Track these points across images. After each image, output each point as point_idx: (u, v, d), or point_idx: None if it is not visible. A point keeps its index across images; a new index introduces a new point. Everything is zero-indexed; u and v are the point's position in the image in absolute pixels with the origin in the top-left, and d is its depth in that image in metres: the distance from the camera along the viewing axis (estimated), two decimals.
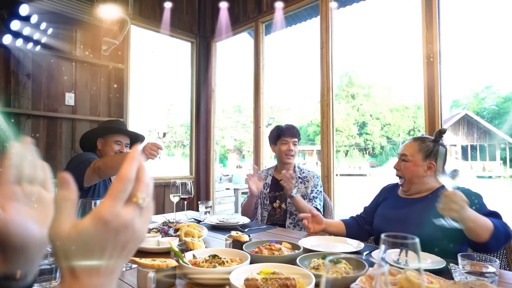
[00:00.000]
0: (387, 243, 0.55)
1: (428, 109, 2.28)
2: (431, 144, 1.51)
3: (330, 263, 0.98)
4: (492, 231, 1.16)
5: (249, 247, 1.20)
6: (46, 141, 2.88)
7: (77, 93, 3.06)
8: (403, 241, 0.57)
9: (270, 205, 2.20)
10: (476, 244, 1.23)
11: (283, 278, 0.85)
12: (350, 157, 26.13)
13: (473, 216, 1.15)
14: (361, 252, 1.29)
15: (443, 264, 1.08)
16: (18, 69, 2.70)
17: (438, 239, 1.32)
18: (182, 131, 21.11)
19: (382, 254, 0.56)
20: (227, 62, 10.97)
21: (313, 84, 33.45)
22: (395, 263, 1.10)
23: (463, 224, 1.15)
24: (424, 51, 2.30)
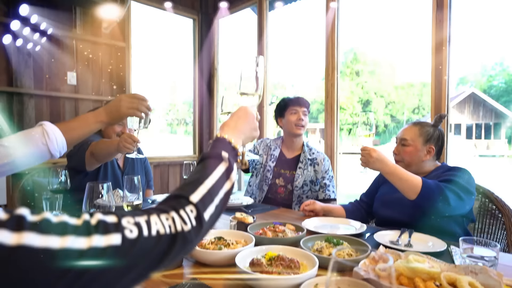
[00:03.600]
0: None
1: (435, 88, 2.24)
2: (431, 129, 1.51)
3: (335, 247, 0.99)
4: (418, 191, 1.25)
5: (254, 228, 1.23)
6: (49, 121, 2.88)
7: (79, 72, 3.03)
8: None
9: (272, 179, 2.09)
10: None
11: (288, 260, 0.87)
12: (353, 135, 26.07)
13: (398, 174, 1.29)
14: (363, 234, 1.32)
15: (444, 247, 1.10)
16: (19, 47, 2.67)
17: (435, 219, 1.34)
18: (185, 109, 20.99)
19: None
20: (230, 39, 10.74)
21: (316, 61, 32.87)
22: (393, 244, 1.13)
23: (388, 179, 1.33)
24: (433, 29, 2.23)
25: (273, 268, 0.84)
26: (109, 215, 0.44)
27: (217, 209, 0.57)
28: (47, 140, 0.98)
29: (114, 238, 0.41)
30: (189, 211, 0.51)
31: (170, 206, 0.51)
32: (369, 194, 1.70)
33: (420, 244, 1.16)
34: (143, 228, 0.45)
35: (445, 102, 2.22)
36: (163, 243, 0.46)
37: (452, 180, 1.33)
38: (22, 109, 2.73)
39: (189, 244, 0.50)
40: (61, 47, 2.91)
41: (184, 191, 0.55)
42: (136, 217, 0.45)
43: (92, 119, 1.12)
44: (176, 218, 0.49)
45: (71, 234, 0.38)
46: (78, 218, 0.41)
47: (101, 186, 1.03)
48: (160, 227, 0.46)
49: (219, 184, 0.59)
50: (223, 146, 0.67)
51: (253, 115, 0.79)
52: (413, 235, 1.23)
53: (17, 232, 0.35)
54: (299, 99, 2.09)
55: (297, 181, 2.03)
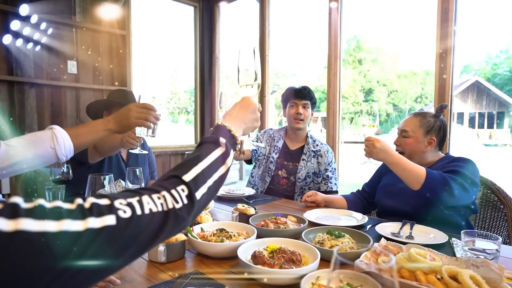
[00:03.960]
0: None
1: (439, 76, 2.21)
2: (432, 119, 1.49)
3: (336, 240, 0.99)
4: (422, 182, 1.25)
5: (255, 220, 1.23)
6: (51, 110, 2.89)
7: (79, 60, 3.00)
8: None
9: (275, 170, 2.07)
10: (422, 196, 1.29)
11: (289, 253, 0.87)
12: (355, 124, 25.98)
13: (402, 164, 1.29)
14: (365, 225, 1.32)
15: (445, 239, 1.10)
16: (19, 36, 2.64)
17: (438, 210, 1.34)
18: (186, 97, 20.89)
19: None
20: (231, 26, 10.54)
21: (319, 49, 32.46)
22: (395, 236, 1.14)
23: (392, 169, 1.33)
24: (438, 16, 2.18)
25: (275, 261, 0.84)
26: (102, 198, 0.45)
27: (209, 190, 0.59)
28: (56, 145, 1.01)
29: (109, 219, 0.43)
30: (180, 190, 0.54)
31: (161, 186, 0.53)
32: (371, 184, 1.70)
33: (421, 236, 1.17)
34: (136, 207, 0.47)
35: (449, 91, 2.20)
36: (156, 220, 0.48)
37: (457, 171, 1.33)
38: (23, 98, 2.72)
39: (181, 221, 0.52)
40: (61, 36, 2.88)
41: (178, 171, 0.57)
42: (128, 198, 0.47)
43: (101, 126, 1.15)
44: (167, 197, 0.51)
45: (67, 218, 0.40)
46: (71, 203, 0.42)
47: (103, 178, 1.03)
48: (153, 206, 0.49)
49: (213, 167, 0.62)
50: (222, 132, 0.70)
51: (255, 105, 0.81)
52: (415, 227, 1.23)
53: (13, 219, 0.36)
54: (299, 91, 2.02)
55: (300, 173, 2.02)
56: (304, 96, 2.01)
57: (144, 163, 2.20)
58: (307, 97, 2.01)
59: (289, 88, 2.09)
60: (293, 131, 2.09)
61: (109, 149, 1.65)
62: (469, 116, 22.58)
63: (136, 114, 1.17)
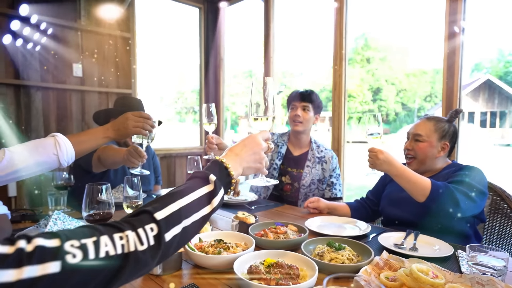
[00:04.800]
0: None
1: (447, 75, 2.16)
2: (446, 124, 1.46)
3: (334, 250, 0.96)
4: (427, 194, 1.22)
5: (255, 229, 1.21)
6: (56, 113, 2.91)
7: (84, 63, 3.02)
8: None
9: (278, 177, 2.03)
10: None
11: (287, 267, 0.85)
12: (363, 124, 25.72)
13: (406, 176, 1.26)
14: (368, 235, 1.29)
15: (450, 252, 1.06)
16: (24, 39, 2.66)
17: (444, 220, 1.30)
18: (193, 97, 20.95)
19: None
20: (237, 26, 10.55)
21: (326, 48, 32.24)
22: (398, 247, 1.10)
23: (396, 181, 1.30)
24: (446, 11, 2.12)
25: (272, 276, 0.82)
26: (52, 238, 0.41)
27: (185, 231, 0.54)
28: (58, 151, 1.06)
29: (52, 266, 0.39)
30: (149, 229, 0.49)
31: (128, 223, 0.49)
32: (375, 192, 1.67)
33: (425, 248, 1.13)
34: (90, 250, 0.43)
35: (457, 90, 2.14)
36: (112, 264, 0.44)
37: (463, 181, 1.29)
38: (29, 102, 2.74)
39: (143, 266, 0.48)
40: (67, 39, 2.89)
41: (152, 206, 0.53)
42: (83, 239, 0.43)
43: (101, 134, 1.21)
44: (130, 237, 0.47)
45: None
46: (11, 245, 0.39)
47: (100, 189, 1.02)
48: (111, 248, 0.45)
49: (195, 206, 0.57)
50: (216, 169, 0.65)
51: (260, 145, 0.76)
52: (419, 237, 1.20)
53: None
54: (300, 94, 1.98)
55: (304, 180, 1.98)
56: (303, 98, 1.96)
57: (149, 168, 2.20)
58: (307, 99, 1.96)
59: (292, 92, 2.06)
60: (295, 136, 2.05)
61: (112, 163, 1.67)
62: (480, 115, 22.17)
63: (133, 123, 1.23)
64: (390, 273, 0.87)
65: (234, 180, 0.69)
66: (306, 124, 1.98)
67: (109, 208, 1.06)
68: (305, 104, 1.96)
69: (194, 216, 0.56)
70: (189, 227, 0.55)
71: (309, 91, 2.00)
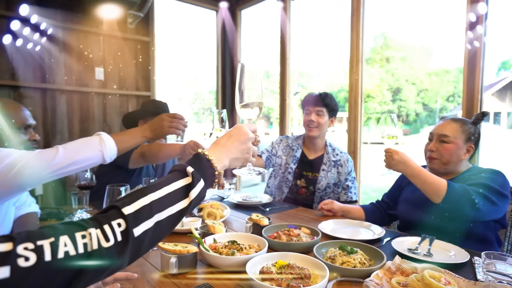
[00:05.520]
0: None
1: (468, 75, 2.10)
2: (472, 127, 1.43)
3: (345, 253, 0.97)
4: (443, 195, 1.21)
5: (268, 231, 1.23)
6: (80, 115, 3.03)
7: (106, 67, 3.13)
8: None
9: (293, 180, 2.03)
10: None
11: (298, 270, 0.87)
12: (381, 124, 25.21)
13: (422, 177, 1.26)
14: (382, 239, 1.28)
15: (466, 258, 1.04)
16: (51, 45, 2.79)
17: (463, 224, 1.28)
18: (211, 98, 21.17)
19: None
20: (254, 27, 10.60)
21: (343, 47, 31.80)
22: (411, 252, 1.09)
23: (411, 181, 1.30)
24: (468, 6, 2.06)
25: (283, 277, 0.84)
26: (4, 242, 0.40)
27: (159, 226, 0.52)
28: (103, 148, 1.14)
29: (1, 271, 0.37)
30: (116, 224, 0.48)
31: (95, 220, 0.48)
32: (391, 195, 1.65)
33: (440, 253, 1.12)
34: (46, 252, 0.41)
35: (478, 91, 2.07)
36: (72, 265, 0.42)
37: (483, 183, 1.26)
38: (55, 104, 2.87)
39: (108, 263, 0.46)
40: (89, 44, 3.01)
41: (121, 201, 0.51)
42: (40, 240, 0.41)
43: (139, 133, 1.31)
44: (94, 235, 0.45)
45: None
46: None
47: (119, 191, 1.07)
48: (71, 248, 0.43)
49: (169, 199, 0.54)
50: (197, 162, 0.63)
51: (247, 134, 0.74)
52: (434, 243, 1.18)
53: None
54: (314, 98, 1.96)
55: (320, 184, 1.98)
56: (317, 102, 1.93)
57: (169, 169, 2.27)
58: (321, 103, 1.93)
59: (306, 95, 2.06)
60: (310, 140, 2.04)
61: (156, 160, 1.78)
62: (508, 116, 21.26)
63: (168, 124, 1.34)
64: (401, 278, 0.87)
65: (217, 172, 0.66)
66: (320, 128, 1.96)
67: None
68: (319, 109, 1.94)
69: (169, 210, 0.54)
70: (164, 221, 0.53)
71: (323, 95, 1.97)
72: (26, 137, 1.25)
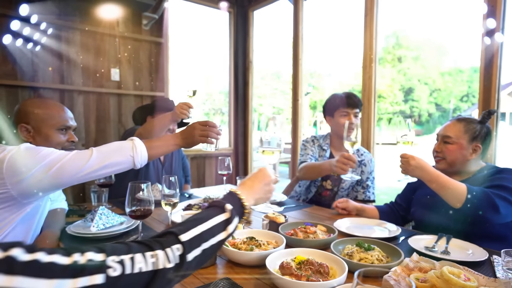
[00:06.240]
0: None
1: (485, 74, 2.07)
2: (478, 125, 1.40)
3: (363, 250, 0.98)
4: (463, 200, 1.18)
5: (285, 228, 1.25)
6: (96, 115, 3.10)
7: (121, 68, 3.20)
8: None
9: (321, 181, 2.01)
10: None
11: (317, 265, 0.88)
12: (393, 125, 24.92)
13: (440, 182, 1.24)
14: (397, 237, 1.28)
15: (485, 256, 1.04)
16: (69, 47, 2.87)
17: (482, 225, 1.26)
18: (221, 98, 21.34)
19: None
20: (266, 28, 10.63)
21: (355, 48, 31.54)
22: (429, 250, 1.09)
23: (430, 186, 1.28)
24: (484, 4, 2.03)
25: (302, 272, 0.86)
26: (99, 253, 0.48)
27: (204, 253, 0.62)
28: (134, 153, 1.16)
29: (98, 278, 0.45)
30: (175, 249, 0.56)
31: (158, 242, 0.56)
32: (404, 196, 1.64)
33: (458, 252, 1.11)
34: (127, 266, 0.49)
35: (495, 91, 2.04)
36: (143, 279, 0.51)
37: (502, 185, 1.24)
38: (72, 105, 2.95)
39: (167, 282, 0.55)
40: (105, 46, 3.08)
41: (177, 228, 0.60)
42: (122, 255, 0.50)
43: (171, 141, 1.30)
44: (160, 256, 0.54)
45: (58, 278, 0.42)
46: (68, 256, 0.45)
47: (145, 186, 1.11)
48: (143, 265, 0.51)
49: (213, 231, 0.64)
50: (232, 199, 0.74)
51: (270, 177, 0.87)
52: (451, 241, 1.18)
53: (8, 275, 0.40)
54: (351, 99, 1.93)
55: (344, 183, 1.98)
56: (356, 104, 1.92)
57: (179, 166, 2.31)
58: (358, 105, 1.94)
59: (335, 96, 2.01)
60: (339, 141, 2.00)
61: (159, 131, 1.81)
62: None
63: (200, 132, 1.31)
64: (420, 274, 0.87)
65: (247, 210, 0.77)
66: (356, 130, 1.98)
67: (149, 205, 1.14)
68: (356, 111, 1.94)
69: (212, 240, 0.64)
70: (208, 249, 0.62)
71: (356, 96, 1.96)
72: (65, 138, 1.28)
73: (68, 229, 1.26)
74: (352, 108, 1.92)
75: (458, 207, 1.21)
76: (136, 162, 1.16)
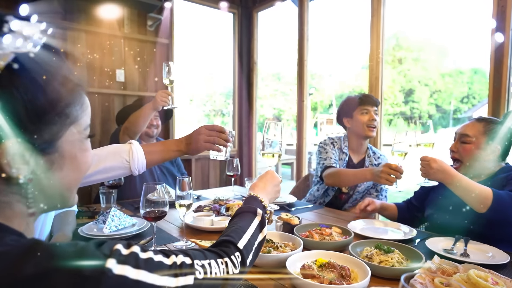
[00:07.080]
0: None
1: (494, 74, 2.05)
2: (498, 126, 1.38)
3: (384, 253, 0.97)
4: (489, 204, 1.14)
5: (300, 230, 1.23)
6: (101, 116, 3.08)
7: (126, 69, 3.18)
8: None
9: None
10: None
11: (339, 268, 0.87)
12: (393, 127, 24.95)
13: (464, 186, 1.19)
14: (413, 239, 1.27)
15: (507, 259, 1.03)
16: (74, 47, 2.86)
17: (501, 228, 1.25)
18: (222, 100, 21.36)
19: None
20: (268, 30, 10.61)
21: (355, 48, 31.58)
22: (447, 253, 1.07)
23: (452, 190, 1.24)
24: (494, 4, 2.02)
25: (325, 275, 0.84)
26: (186, 256, 0.54)
27: (254, 256, 0.68)
28: (130, 159, 1.08)
29: (189, 279, 0.51)
30: (237, 256, 0.62)
31: (223, 251, 0.61)
32: (418, 198, 1.63)
33: (477, 254, 1.10)
34: (207, 270, 0.55)
35: (505, 92, 2.03)
36: (217, 284, 0.57)
37: None
38: None
39: (233, 284, 0.61)
40: (111, 46, 3.07)
41: (231, 237, 0.66)
42: (202, 260, 0.55)
43: (174, 147, 1.18)
44: (229, 263, 0.59)
45: (166, 276, 0.48)
46: (167, 257, 0.51)
47: (159, 187, 1.09)
48: (218, 270, 0.57)
49: (254, 236, 0.71)
50: (256, 203, 0.81)
51: (278, 178, 0.94)
52: (469, 244, 1.16)
53: (136, 269, 0.44)
54: (370, 97, 1.93)
55: (360, 187, 1.95)
56: (375, 102, 1.92)
57: (172, 167, 2.31)
58: (377, 103, 1.94)
59: (351, 97, 2.00)
60: (359, 142, 1.98)
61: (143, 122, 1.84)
62: None
63: (205, 138, 1.15)
64: (443, 278, 0.86)
65: (268, 211, 0.85)
66: (376, 128, 1.95)
67: (163, 207, 1.12)
68: (376, 109, 1.94)
69: (256, 243, 0.70)
70: (255, 252, 0.69)
71: (373, 95, 1.98)
72: None
73: (80, 231, 1.24)
74: (372, 105, 1.92)
75: (482, 212, 1.16)
76: (132, 168, 1.08)
